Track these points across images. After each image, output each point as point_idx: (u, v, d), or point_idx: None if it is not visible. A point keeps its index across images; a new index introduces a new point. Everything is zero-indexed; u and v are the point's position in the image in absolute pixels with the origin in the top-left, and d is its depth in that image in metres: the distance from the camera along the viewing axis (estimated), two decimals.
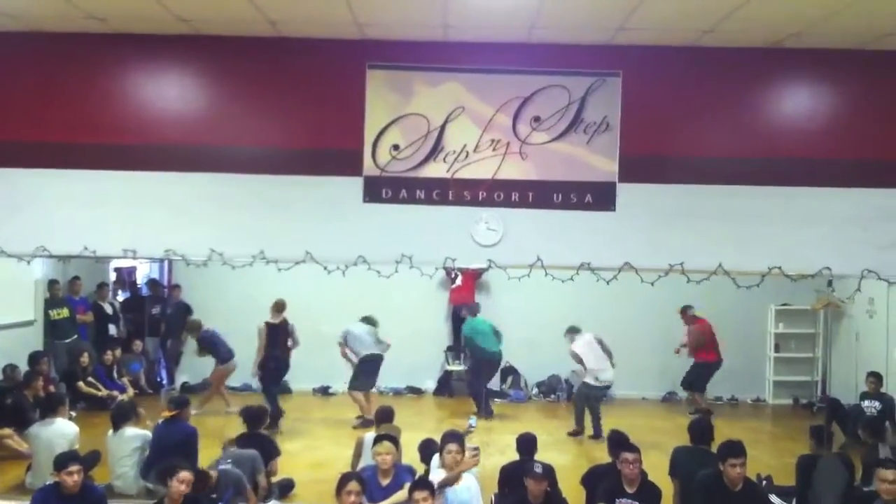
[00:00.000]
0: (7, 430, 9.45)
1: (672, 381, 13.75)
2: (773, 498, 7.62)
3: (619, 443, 7.15)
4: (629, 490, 6.76)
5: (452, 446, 6.97)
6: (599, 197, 7.27)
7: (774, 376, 14.17)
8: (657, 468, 7.41)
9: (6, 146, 7.29)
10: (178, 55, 7.37)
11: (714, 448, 7.17)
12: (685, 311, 12.77)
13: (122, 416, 8.36)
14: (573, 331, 11.78)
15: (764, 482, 8.32)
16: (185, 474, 6.33)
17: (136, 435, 8.19)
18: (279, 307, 11.59)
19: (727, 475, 6.58)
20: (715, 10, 6.31)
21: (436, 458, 7.18)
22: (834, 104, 7.32)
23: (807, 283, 8.68)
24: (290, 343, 11.72)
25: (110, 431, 8.28)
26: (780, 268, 7.19)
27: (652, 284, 7.38)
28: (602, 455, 7.53)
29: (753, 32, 6.83)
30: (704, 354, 12.70)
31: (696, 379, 12.92)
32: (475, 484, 6.94)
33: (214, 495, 6.89)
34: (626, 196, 7.27)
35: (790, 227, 7.25)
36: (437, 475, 6.84)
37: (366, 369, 11.75)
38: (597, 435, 11.02)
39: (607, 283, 7.32)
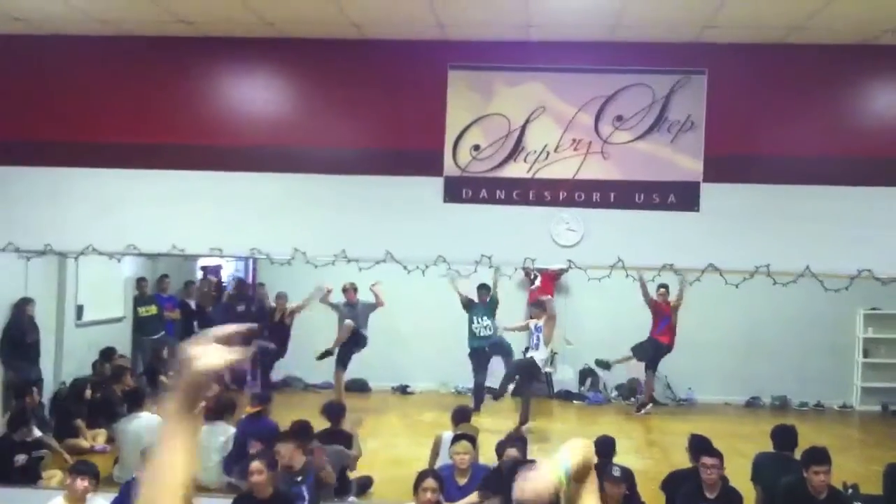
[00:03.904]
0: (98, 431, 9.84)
1: (756, 385, 13.49)
2: None
3: (700, 447, 7.04)
4: (710, 495, 6.64)
5: (510, 451, 6.90)
6: (683, 197, 7.17)
7: (863, 382, 13.78)
8: (739, 474, 7.27)
9: (99, 148, 7.51)
10: (262, 57, 7.51)
11: (798, 455, 7.00)
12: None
13: (219, 409, 8.54)
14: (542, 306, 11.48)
15: (850, 491, 8.08)
16: (256, 465, 6.42)
17: (223, 430, 8.35)
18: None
19: (811, 483, 6.42)
20: (805, 6, 6.16)
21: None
22: None
23: None
24: None
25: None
26: (870, 270, 6.99)
27: (736, 287, 7.24)
28: (684, 460, 7.41)
29: (845, 29, 6.65)
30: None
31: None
32: None
33: (300, 478, 6.98)
34: (711, 196, 7.15)
35: (880, 229, 7.04)
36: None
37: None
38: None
39: (690, 284, 7.22)
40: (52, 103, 7.58)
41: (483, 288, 12.23)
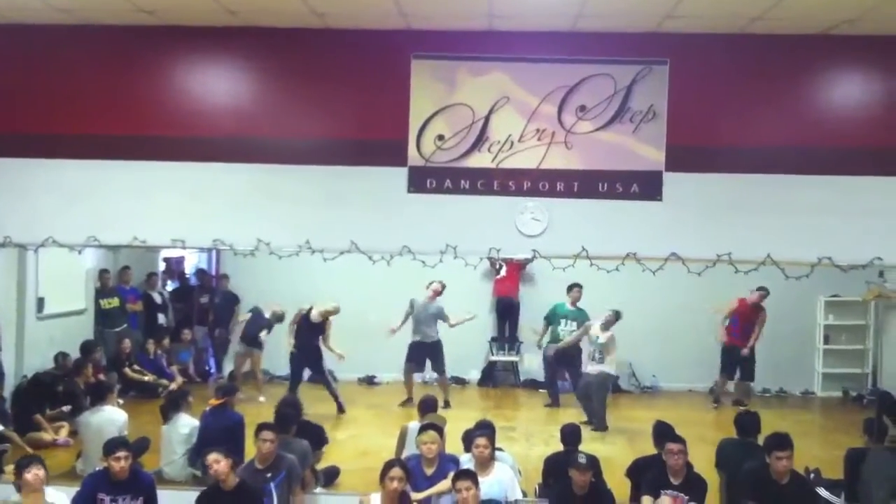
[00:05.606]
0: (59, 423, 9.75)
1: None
2: (821, 491, 7.52)
3: (664, 434, 7.10)
4: (674, 481, 6.70)
5: (480, 441, 6.93)
6: (646, 186, 7.23)
7: (824, 368, 13.96)
8: (703, 460, 7.35)
9: (58, 138, 7.44)
10: (225, 47, 7.46)
11: (761, 440, 7.09)
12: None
13: (174, 404, 8.48)
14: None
15: (812, 475, 8.20)
16: (212, 456, 6.40)
17: (186, 423, 8.30)
18: None
19: (773, 468, 6.51)
20: None
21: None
22: (887, 92, 7.21)
23: (857, 274, 8.53)
24: None
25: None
26: (830, 258, 7.09)
27: (699, 275, 7.32)
28: (648, 447, 7.48)
29: (804, 19, 6.72)
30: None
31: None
32: (508, 474, 6.89)
33: (269, 474, 6.96)
34: (674, 185, 7.21)
35: (840, 217, 7.14)
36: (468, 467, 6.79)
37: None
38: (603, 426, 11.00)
39: (653, 273, 7.27)
40: (11, 94, 7.47)
41: (575, 287, 11.89)
